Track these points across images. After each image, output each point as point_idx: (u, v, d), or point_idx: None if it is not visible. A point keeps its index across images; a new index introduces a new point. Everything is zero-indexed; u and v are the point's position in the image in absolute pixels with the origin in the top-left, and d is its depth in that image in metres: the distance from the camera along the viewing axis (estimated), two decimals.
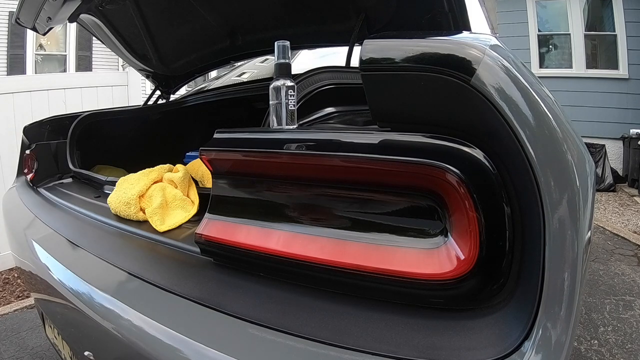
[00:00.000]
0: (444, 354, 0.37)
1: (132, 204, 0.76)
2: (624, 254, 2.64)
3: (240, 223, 0.53)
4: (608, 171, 4.93)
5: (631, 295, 2.01)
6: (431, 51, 0.38)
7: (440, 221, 0.42)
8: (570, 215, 0.37)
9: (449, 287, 0.40)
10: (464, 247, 0.40)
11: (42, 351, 1.56)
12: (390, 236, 0.44)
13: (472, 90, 0.36)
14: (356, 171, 0.44)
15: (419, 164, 0.40)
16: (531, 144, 0.36)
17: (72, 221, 0.87)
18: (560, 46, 5.67)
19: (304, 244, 0.47)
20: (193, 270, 0.57)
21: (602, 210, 3.95)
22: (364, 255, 0.43)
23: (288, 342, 0.41)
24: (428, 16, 0.88)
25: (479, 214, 0.38)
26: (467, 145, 0.39)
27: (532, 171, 0.36)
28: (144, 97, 1.90)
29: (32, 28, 1.18)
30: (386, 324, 0.41)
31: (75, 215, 0.90)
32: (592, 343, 1.60)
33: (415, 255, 0.42)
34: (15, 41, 5.84)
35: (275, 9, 1.22)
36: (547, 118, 0.38)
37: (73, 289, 0.63)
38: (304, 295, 0.47)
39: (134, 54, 1.54)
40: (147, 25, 1.39)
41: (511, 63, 0.39)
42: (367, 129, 0.45)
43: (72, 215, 0.91)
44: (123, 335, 0.50)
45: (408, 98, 0.40)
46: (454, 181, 0.39)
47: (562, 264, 0.36)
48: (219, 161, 0.54)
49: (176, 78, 1.69)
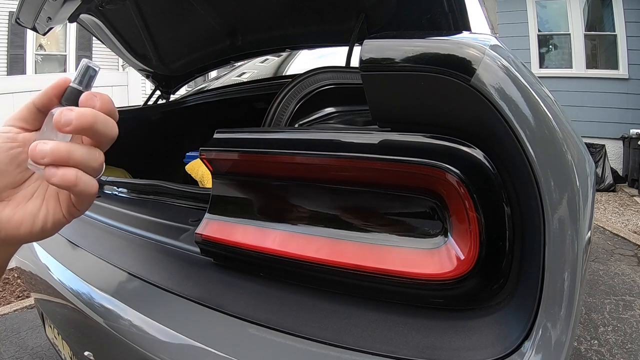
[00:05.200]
0: (444, 354, 0.37)
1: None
2: (624, 254, 2.64)
3: (241, 223, 0.53)
4: (608, 171, 4.93)
5: (631, 295, 2.01)
6: (431, 51, 0.38)
7: (440, 221, 0.42)
8: (570, 215, 0.37)
9: (449, 287, 0.40)
10: (464, 247, 0.40)
11: (42, 351, 1.56)
12: (390, 236, 0.44)
13: (472, 90, 0.36)
14: (356, 171, 0.44)
15: (419, 164, 0.40)
16: (531, 144, 0.36)
17: (72, 221, 0.87)
18: (560, 46, 5.68)
19: (304, 244, 0.47)
20: (193, 270, 0.57)
21: (602, 210, 3.95)
22: (364, 255, 0.43)
23: (288, 342, 0.41)
24: (428, 16, 0.88)
25: (479, 214, 0.38)
26: (467, 145, 0.40)
27: (532, 171, 0.36)
28: (144, 97, 1.90)
29: (32, 28, 1.18)
30: (386, 324, 0.41)
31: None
32: (592, 343, 1.60)
33: (416, 256, 0.42)
34: (15, 41, 5.84)
35: (275, 9, 1.22)
36: (547, 118, 0.38)
37: (73, 289, 0.63)
38: (304, 295, 0.47)
39: (134, 54, 1.54)
40: (147, 25, 1.39)
41: (511, 63, 0.39)
42: (367, 129, 0.45)
43: None
44: (123, 335, 0.50)
45: (408, 98, 0.40)
46: (454, 181, 0.39)
47: (562, 264, 0.36)
48: (219, 161, 0.54)
49: (176, 78, 1.69)
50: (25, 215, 0.33)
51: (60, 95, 0.34)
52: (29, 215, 0.33)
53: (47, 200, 0.34)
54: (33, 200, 0.34)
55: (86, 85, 0.34)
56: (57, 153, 0.30)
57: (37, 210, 0.33)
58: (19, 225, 0.32)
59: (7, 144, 0.32)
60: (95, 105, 0.32)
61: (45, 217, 0.34)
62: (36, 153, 0.30)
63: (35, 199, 0.34)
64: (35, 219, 0.33)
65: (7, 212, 0.32)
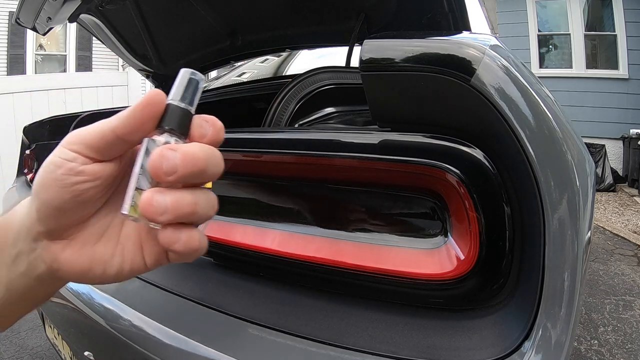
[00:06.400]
0: (444, 354, 0.37)
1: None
2: (624, 254, 2.64)
3: (240, 223, 0.53)
4: (608, 171, 4.93)
5: (631, 295, 2.01)
6: (431, 51, 0.38)
7: (440, 221, 0.42)
8: (570, 215, 0.37)
9: (449, 287, 0.40)
10: (464, 247, 0.40)
11: (42, 351, 1.56)
12: (390, 236, 0.44)
13: (472, 90, 0.36)
14: (356, 171, 0.44)
15: (419, 164, 0.40)
16: (531, 144, 0.36)
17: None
18: (560, 46, 5.67)
19: (304, 244, 0.47)
20: (193, 270, 0.57)
21: (602, 210, 3.95)
22: (364, 255, 0.43)
23: (288, 342, 0.41)
24: (428, 16, 0.88)
25: (479, 214, 0.38)
26: (467, 145, 0.39)
27: (532, 171, 0.36)
28: None
29: (32, 28, 1.18)
30: (386, 324, 0.41)
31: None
32: (592, 343, 1.60)
33: (416, 256, 0.42)
34: (15, 41, 5.84)
35: (275, 9, 1.22)
36: (547, 118, 0.38)
37: (73, 289, 0.63)
38: (304, 295, 0.47)
39: (134, 54, 1.54)
40: (147, 25, 1.39)
41: (511, 63, 0.39)
42: (367, 129, 0.45)
43: None
44: (123, 335, 0.50)
45: (408, 98, 0.40)
46: (454, 181, 0.39)
47: (562, 264, 0.36)
48: None
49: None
50: (94, 261, 0.26)
51: (155, 117, 0.24)
52: (99, 262, 0.26)
53: (124, 245, 0.27)
54: (103, 242, 0.27)
55: (190, 101, 0.25)
56: (181, 209, 0.23)
57: (109, 257, 0.27)
58: (85, 271, 0.26)
59: (71, 178, 0.24)
60: (206, 136, 0.25)
61: (121, 265, 0.27)
62: (153, 209, 0.23)
63: (107, 241, 0.27)
64: (107, 267, 0.27)
65: (69, 254, 0.26)
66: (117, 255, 0.27)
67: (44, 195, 0.24)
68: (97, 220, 0.27)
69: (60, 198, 0.24)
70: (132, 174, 0.25)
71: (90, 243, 0.26)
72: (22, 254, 0.27)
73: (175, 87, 0.25)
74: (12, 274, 0.27)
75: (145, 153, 0.24)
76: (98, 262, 0.26)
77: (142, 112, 0.24)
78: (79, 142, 0.24)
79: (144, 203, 0.23)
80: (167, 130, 0.24)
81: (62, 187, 0.24)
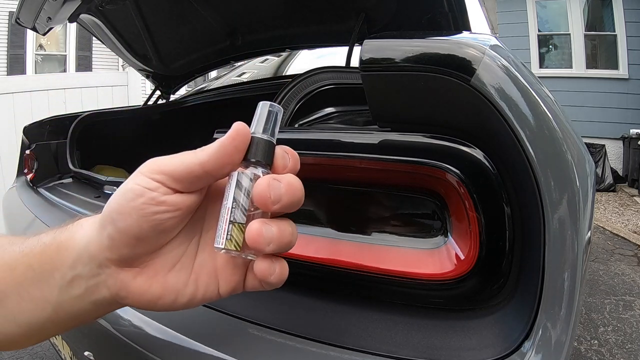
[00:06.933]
0: (444, 354, 0.37)
1: None
2: (624, 254, 2.64)
3: None
4: (608, 171, 4.93)
5: (631, 295, 2.01)
6: (431, 51, 0.38)
7: (440, 221, 0.42)
8: (570, 215, 0.37)
9: (449, 287, 0.40)
10: (464, 247, 0.40)
11: (41, 351, 1.56)
12: (390, 236, 0.44)
13: (472, 90, 0.36)
14: (356, 171, 0.44)
15: (419, 164, 0.40)
16: (531, 144, 0.36)
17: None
18: (560, 46, 5.68)
19: (303, 244, 0.47)
20: None
21: (602, 210, 3.95)
22: (364, 255, 0.43)
23: (288, 342, 0.41)
24: (428, 16, 0.88)
25: (479, 214, 0.38)
26: (467, 145, 0.40)
27: (532, 171, 0.36)
28: (144, 97, 1.90)
29: (32, 28, 1.18)
30: (386, 324, 0.41)
31: (75, 215, 0.90)
32: (592, 343, 1.60)
33: (416, 256, 0.42)
34: (15, 41, 5.84)
35: (275, 9, 1.22)
36: (547, 118, 0.38)
37: None
38: (304, 295, 0.47)
39: (134, 54, 1.54)
40: (147, 25, 1.39)
41: (511, 63, 0.39)
42: (367, 129, 0.45)
43: (72, 215, 0.91)
44: (123, 335, 0.50)
45: (408, 98, 0.40)
46: (454, 181, 0.39)
47: (562, 264, 0.36)
48: None
49: (176, 78, 1.69)
50: (166, 290, 0.26)
51: (242, 150, 0.25)
52: (171, 291, 0.26)
53: (198, 274, 0.27)
54: (176, 271, 0.27)
55: (272, 133, 0.26)
56: (283, 239, 0.24)
57: (182, 287, 0.26)
58: (155, 299, 0.26)
59: (152, 207, 0.24)
60: (287, 166, 0.26)
61: (193, 294, 0.27)
62: (262, 239, 0.23)
63: (179, 270, 0.27)
64: (179, 296, 0.26)
65: (140, 282, 0.26)
66: (190, 284, 0.27)
67: (122, 224, 0.24)
68: (171, 249, 0.27)
69: (138, 227, 0.24)
70: (223, 207, 0.25)
71: (163, 272, 0.26)
72: (80, 278, 0.26)
73: (256, 119, 0.26)
74: (65, 295, 0.26)
75: (236, 186, 0.25)
76: (170, 291, 0.26)
77: (231, 145, 0.24)
78: (162, 172, 0.25)
79: (253, 234, 0.23)
80: (253, 163, 0.25)
81: (142, 216, 0.24)
